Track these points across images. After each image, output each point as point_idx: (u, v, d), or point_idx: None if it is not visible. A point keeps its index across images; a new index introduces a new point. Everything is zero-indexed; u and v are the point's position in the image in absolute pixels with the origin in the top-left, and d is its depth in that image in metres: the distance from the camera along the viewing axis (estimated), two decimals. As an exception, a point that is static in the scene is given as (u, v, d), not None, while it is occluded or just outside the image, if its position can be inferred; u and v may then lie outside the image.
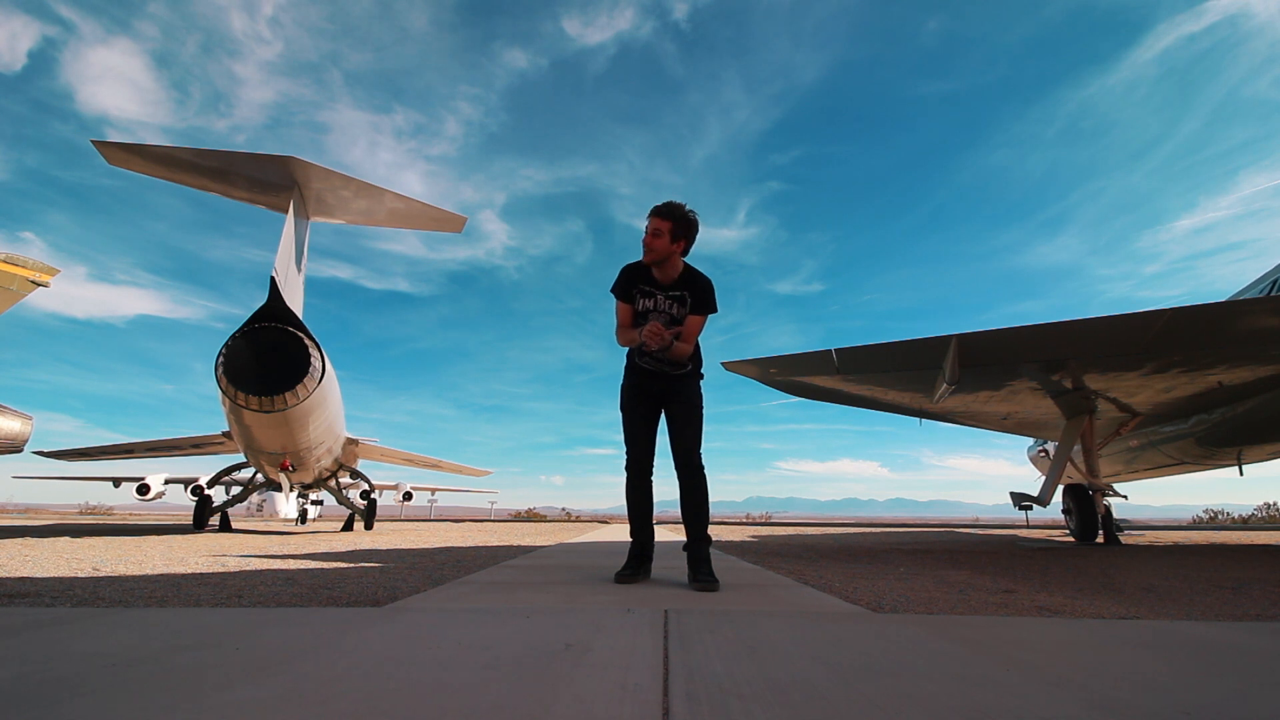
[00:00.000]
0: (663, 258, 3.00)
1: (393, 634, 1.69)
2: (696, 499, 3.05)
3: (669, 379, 3.18)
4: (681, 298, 3.11)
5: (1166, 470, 11.44)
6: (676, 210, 2.97)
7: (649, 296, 3.12)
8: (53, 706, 1.06)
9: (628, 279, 3.14)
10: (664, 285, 3.11)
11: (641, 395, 3.22)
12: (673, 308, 3.12)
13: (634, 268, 3.13)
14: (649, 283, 3.12)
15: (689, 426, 3.13)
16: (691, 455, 3.08)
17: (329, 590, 2.86)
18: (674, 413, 3.18)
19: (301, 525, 16.27)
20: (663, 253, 2.98)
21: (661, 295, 3.11)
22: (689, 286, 3.10)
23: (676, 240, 2.98)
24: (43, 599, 2.47)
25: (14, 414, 11.02)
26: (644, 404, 3.21)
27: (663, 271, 3.07)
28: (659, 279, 3.10)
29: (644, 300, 3.13)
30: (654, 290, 3.11)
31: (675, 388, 3.18)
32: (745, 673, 1.29)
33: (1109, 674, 1.33)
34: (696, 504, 3.04)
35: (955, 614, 2.26)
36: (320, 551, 5.92)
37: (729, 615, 2.06)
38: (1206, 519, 30.46)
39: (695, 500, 3.05)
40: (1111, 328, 6.12)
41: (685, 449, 3.07)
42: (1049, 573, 4.21)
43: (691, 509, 3.03)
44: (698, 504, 3.04)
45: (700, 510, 3.03)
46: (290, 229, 8.89)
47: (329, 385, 8.84)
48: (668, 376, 3.17)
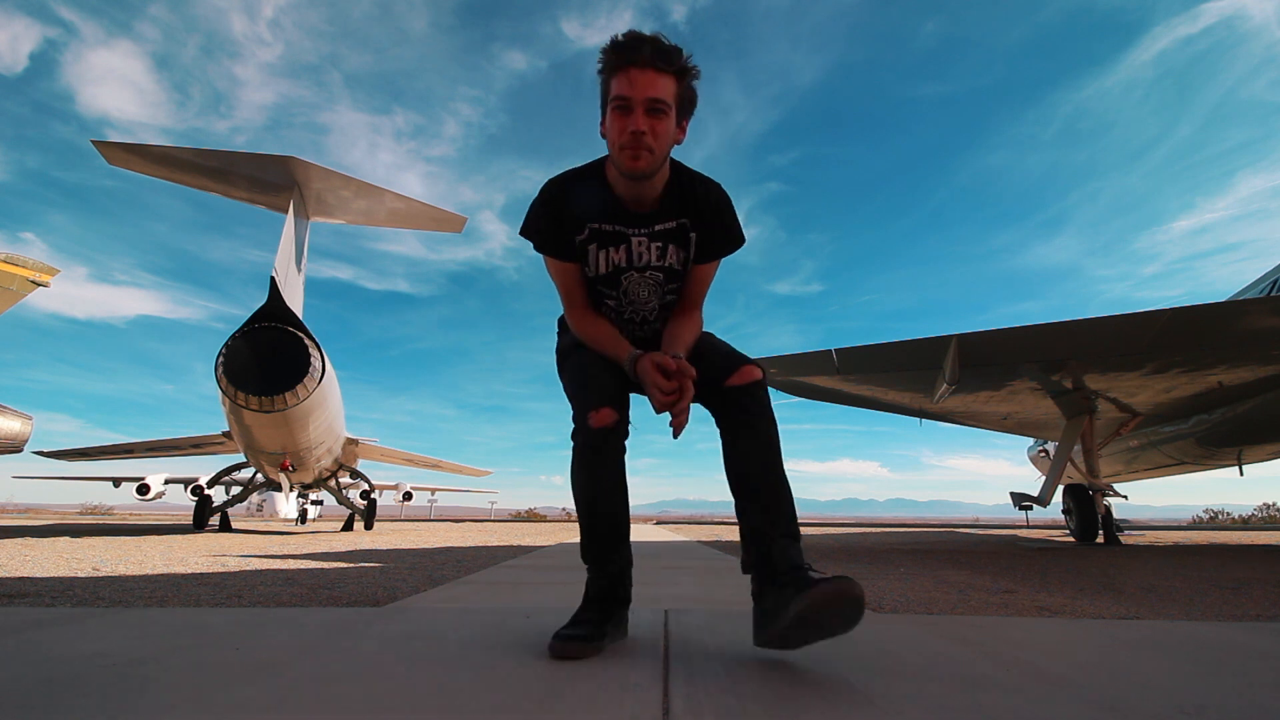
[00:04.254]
0: (658, 167, 1.54)
1: (393, 634, 1.69)
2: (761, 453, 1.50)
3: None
4: (679, 232, 1.66)
5: (1167, 470, 11.44)
6: (680, 59, 1.48)
7: (617, 241, 1.64)
8: (53, 706, 1.06)
9: (557, 210, 1.63)
10: (642, 215, 1.63)
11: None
12: (667, 256, 1.66)
13: (568, 185, 1.64)
14: (611, 211, 1.62)
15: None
16: (736, 362, 1.57)
17: (329, 590, 2.86)
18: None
19: (301, 525, 16.27)
20: (664, 154, 1.53)
21: (641, 234, 1.64)
22: (689, 208, 1.65)
23: (682, 119, 1.56)
24: (43, 599, 2.47)
25: (14, 414, 11.02)
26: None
27: (638, 189, 1.58)
28: (627, 200, 1.61)
29: (609, 250, 1.65)
30: (624, 226, 1.63)
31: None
32: (746, 673, 1.29)
33: (1109, 674, 1.33)
34: (764, 462, 1.50)
35: (955, 614, 2.27)
36: (320, 551, 5.92)
37: (729, 615, 2.06)
38: (1207, 519, 30.47)
39: (760, 454, 1.51)
40: (1112, 328, 6.12)
41: (726, 354, 1.63)
42: (1049, 573, 4.21)
43: (757, 472, 1.50)
44: (766, 462, 1.50)
45: (770, 474, 1.49)
46: (290, 229, 8.89)
47: (329, 385, 8.84)
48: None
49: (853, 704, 1.08)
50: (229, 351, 7.62)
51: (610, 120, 1.50)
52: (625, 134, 1.46)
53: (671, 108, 1.49)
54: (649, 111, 1.46)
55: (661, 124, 1.48)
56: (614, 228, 1.64)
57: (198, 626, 1.81)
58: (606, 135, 1.54)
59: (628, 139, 1.46)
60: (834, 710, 1.05)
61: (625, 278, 1.69)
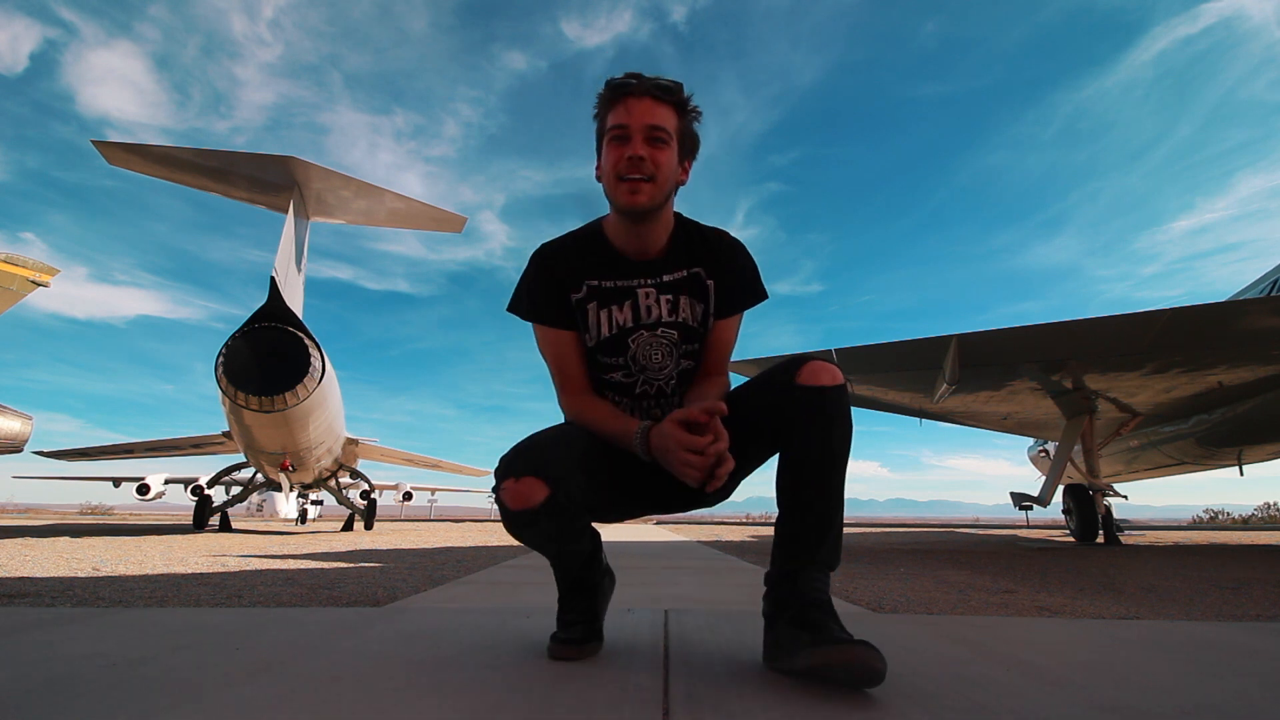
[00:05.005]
0: (661, 202, 1.36)
1: (393, 634, 1.69)
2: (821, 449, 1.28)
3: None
4: (691, 282, 1.45)
5: (1167, 470, 11.45)
6: (679, 92, 1.37)
7: (621, 297, 1.43)
8: (53, 707, 1.06)
9: (550, 273, 1.44)
10: (648, 264, 1.43)
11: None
12: (680, 309, 1.44)
13: (562, 246, 1.46)
14: (612, 265, 1.43)
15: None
16: (804, 360, 1.33)
17: (329, 590, 2.86)
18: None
19: (301, 525, 16.29)
20: (666, 189, 1.35)
21: (649, 285, 1.43)
22: (699, 255, 1.46)
23: (685, 158, 1.41)
24: (43, 599, 2.47)
25: (14, 414, 11.03)
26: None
27: (640, 235, 1.40)
28: (630, 253, 1.42)
29: (612, 309, 1.43)
30: (629, 280, 1.43)
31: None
32: (746, 673, 1.29)
33: (1109, 674, 1.33)
34: (829, 473, 1.29)
35: (955, 614, 2.27)
36: (320, 551, 5.92)
37: (729, 615, 2.06)
38: (1207, 519, 30.49)
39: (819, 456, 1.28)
40: (1112, 328, 6.13)
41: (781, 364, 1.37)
42: (1049, 573, 4.21)
43: (817, 481, 1.29)
44: (831, 473, 1.29)
45: (831, 489, 1.29)
46: (290, 229, 8.90)
47: (329, 385, 8.85)
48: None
49: (853, 704, 1.08)
50: (229, 351, 7.63)
51: (606, 153, 1.35)
52: (623, 161, 1.31)
53: (673, 138, 1.34)
54: (649, 140, 1.32)
55: (663, 154, 1.33)
56: (615, 283, 1.43)
57: (198, 626, 1.81)
58: (603, 177, 1.37)
59: (625, 166, 1.31)
60: (834, 710, 1.05)
61: (633, 339, 1.44)
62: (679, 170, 1.39)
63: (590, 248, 1.45)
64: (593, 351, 1.46)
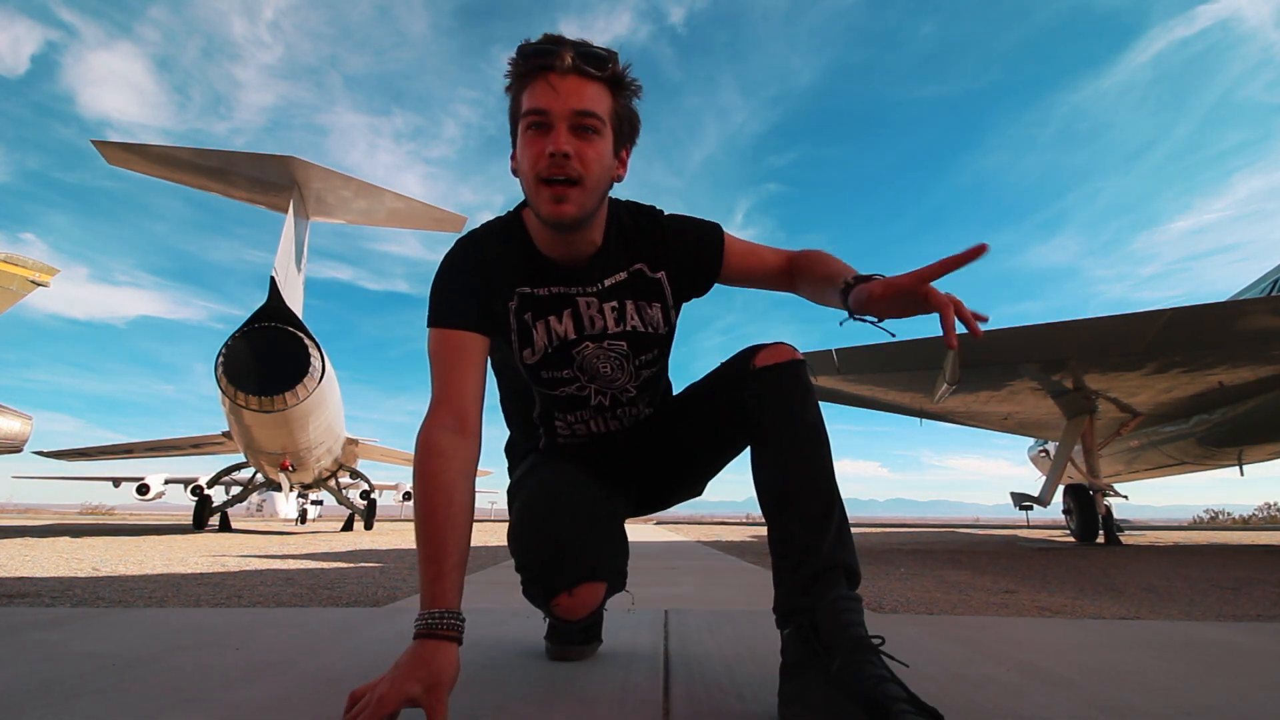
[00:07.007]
0: (593, 209, 1.12)
1: (393, 634, 1.69)
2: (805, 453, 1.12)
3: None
4: (636, 282, 1.24)
5: (1167, 470, 11.45)
6: (614, 64, 1.08)
7: (560, 305, 1.21)
8: (53, 707, 1.06)
9: (466, 282, 1.17)
10: (583, 270, 1.20)
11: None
12: (628, 318, 1.24)
13: (483, 243, 1.21)
14: (542, 273, 1.20)
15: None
16: (760, 347, 1.22)
17: (329, 590, 2.86)
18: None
19: (301, 525, 16.29)
20: (597, 191, 1.10)
21: (589, 294, 1.21)
22: (640, 249, 1.25)
23: (622, 147, 1.15)
24: (43, 599, 2.47)
25: (14, 414, 11.03)
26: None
27: (569, 243, 1.17)
28: (559, 259, 1.19)
29: (550, 320, 1.21)
30: (565, 287, 1.20)
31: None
32: (746, 673, 1.29)
33: (1109, 674, 1.33)
34: (812, 456, 1.12)
35: (956, 614, 2.26)
36: (320, 551, 5.92)
37: (729, 615, 2.06)
38: (1207, 519, 30.47)
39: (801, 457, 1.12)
40: (1112, 328, 6.12)
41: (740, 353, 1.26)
42: (1049, 573, 4.21)
43: (798, 468, 1.12)
44: (814, 457, 1.12)
45: (820, 475, 1.11)
46: (290, 229, 8.90)
47: (329, 385, 8.85)
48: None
49: (853, 704, 1.08)
50: (229, 351, 7.63)
51: (522, 145, 1.08)
52: (543, 159, 1.03)
53: (606, 125, 1.07)
54: (575, 129, 1.04)
55: (593, 147, 1.05)
56: (549, 291, 1.19)
57: (198, 626, 1.81)
58: (520, 174, 1.11)
59: (545, 165, 1.03)
60: (834, 710, 1.05)
61: (577, 351, 1.22)
62: (614, 165, 1.13)
63: (514, 248, 1.20)
64: (534, 369, 1.23)
